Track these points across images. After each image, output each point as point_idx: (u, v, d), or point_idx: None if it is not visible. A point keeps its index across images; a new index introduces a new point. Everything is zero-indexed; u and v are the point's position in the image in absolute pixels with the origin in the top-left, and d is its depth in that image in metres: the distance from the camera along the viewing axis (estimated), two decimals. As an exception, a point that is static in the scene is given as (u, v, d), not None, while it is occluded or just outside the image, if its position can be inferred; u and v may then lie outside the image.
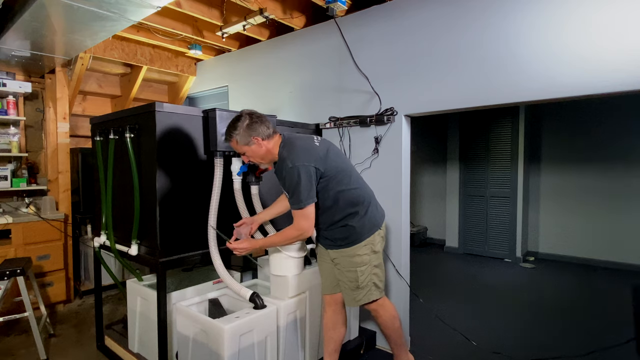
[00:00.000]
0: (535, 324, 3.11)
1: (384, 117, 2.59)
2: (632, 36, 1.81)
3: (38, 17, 2.25)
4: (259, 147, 1.90)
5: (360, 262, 1.97)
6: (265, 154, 1.93)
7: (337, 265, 2.03)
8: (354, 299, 2.03)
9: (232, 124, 1.90)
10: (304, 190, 1.82)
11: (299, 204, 1.83)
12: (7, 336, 2.90)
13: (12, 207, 3.45)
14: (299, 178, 1.81)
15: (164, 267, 2.02)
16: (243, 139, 1.87)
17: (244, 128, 1.86)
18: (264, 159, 1.95)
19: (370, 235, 1.99)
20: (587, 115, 4.82)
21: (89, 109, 4.14)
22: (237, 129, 1.87)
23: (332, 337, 2.12)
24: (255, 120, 1.88)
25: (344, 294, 2.06)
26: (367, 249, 1.99)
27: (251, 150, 1.91)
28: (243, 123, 1.87)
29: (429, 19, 2.44)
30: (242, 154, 1.95)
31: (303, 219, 1.86)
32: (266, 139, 1.90)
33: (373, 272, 2.02)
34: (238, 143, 1.89)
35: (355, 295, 2.01)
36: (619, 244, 4.64)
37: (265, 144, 1.90)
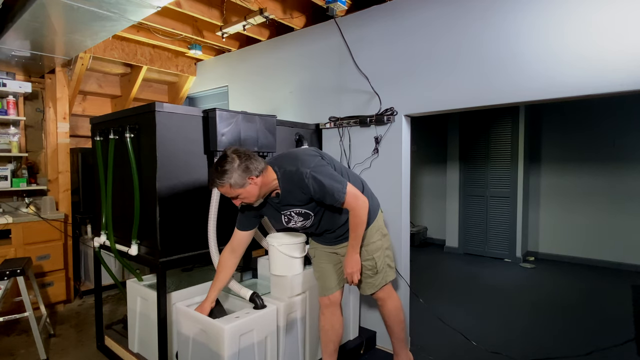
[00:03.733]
0: (535, 324, 3.11)
1: (384, 117, 2.59)
2: (632, 36, 1.81)
3: (38, 17, 2.25)
4: (254, 187, 1.72)
5: (375, 248, 2.01)
6: (262, 190, 1.77)
7: None
8: (373, 285, 2.05)
9: (220, 169, 1.68)
10: (333, 179, 1.76)
11: (340, 191, 1.75)
12: (7, 336, 2.90)
13: (12, 207, 3.45)
14: (320, 172, 1.75)
15: (164, 267, 2.02)
16: (238, 182, 1.68)
17: (236, 169, 1.67)
18: (257, 197, 1.77)
19: (376, 216, 2.02)
20: (587, 115, 4.82)
21: (89, 109, 4.14)
22: (228, 173, 1.66)
23: (331, 338, 2.12)
24: (245, 158, 1.70)
25: (362, 283, 2.06)
26: (379, 234, 2.02)
27: (246, 192, 1.72)
28: (233, 165, 1.67)
29: (429, 19, 2.44)
30: (234, 197, 1.74)
31: (355, 198, 1.80)
32: (260, 174, 1.73)
33: (386, 255, 2.06)
34: (232, 187, 1.68)
35: (373, 280, 2.04)
36: (619, 244, 4.64)
37: (260, 180, 1.74)
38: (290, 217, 1.92)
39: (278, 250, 2.11)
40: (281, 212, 1.92)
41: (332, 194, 1.75)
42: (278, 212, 1.93)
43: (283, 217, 1.94)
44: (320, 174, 1.75)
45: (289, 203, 1.86)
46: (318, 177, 1.74)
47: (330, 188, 1.74)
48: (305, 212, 1.89)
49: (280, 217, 1.94)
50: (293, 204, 1.86)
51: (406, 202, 2.61)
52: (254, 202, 1.82)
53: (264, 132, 2.38)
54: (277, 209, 1.91)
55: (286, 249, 2.11)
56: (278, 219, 1.96)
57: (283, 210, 1.90)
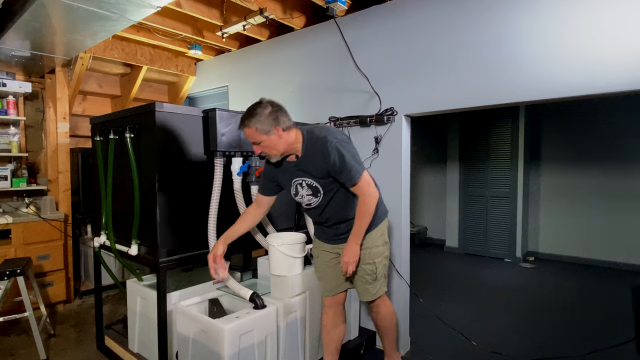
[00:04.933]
0: (535, 324, 3.11)
1: (384, 117, 2.59)
2: (632, 36, 1.81)
3: (38, 17, 2.25)
4: (278, 138, 1.78)
5: (377, 253, 1.99)
6: (283, 145, 1.81)
7: None
8: (370, 292, 2.02)
9: (251, 111, 1.76)
10: (354, 158, 1.80)
11: (357, 172, 1.78)
12: (7, 336, 2.90)
13: (12, 207, 3.45)
14: (345, 147, 1.79)
15: (164, 267, 2.02)
16: (263, 127, 1.75)
17: (266, 116, 1.74)
18: (277, 151, 1.82)
19: (382, 221, 2.01)
20: (587, 115, 4.82)
21: (89, 109, 4.14)
22: (258, 116, 1.74)
23: (333, 338, 2.11)
24: (277, 109, 1.78)
25: (361, 288, 2.04)
26: (382, 239, 2.01)
27: (269, 140, 1.78)
28: (265, 110, 1.75)
29: (429, 19, 2.44)
30: (256, 143, 1.80)
31: (368, 184, 1.81)
32: (286, 130, 1.79)
33: (384, 264, 2.04)
34: (257, 131, 1.75)
35: (371, 288, 2.02)
36: (619, 244, 4.64)
37: (285, 136, 1.80)
38: (300, 187, 1.93)
39: (278, 250, 2.11)
40: (293, 180, 1.93)
41: (349, 171, 1.77)
42: (290, 180, 1.94)
43: (292, 187, 1.95)
44: (345, 149, 1.79)
45: (305, 169, 1.87)
46: (342, 150, 1.77)
47: (349, 164, 1.77)
48: (316, 186, 1.89)
49: (290, 185, 1.96)
50: (308, 172, 1.87)
51: (406, 202, 2.61)
52: (272, 156, 1.86)
53: (264, 132, 2.38)
54: (291, 175, 1.92)
55: (286, 249, 2.11)
56: (288, 187, 1.98)
57: (296, 177, 1.91)
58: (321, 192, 1.89)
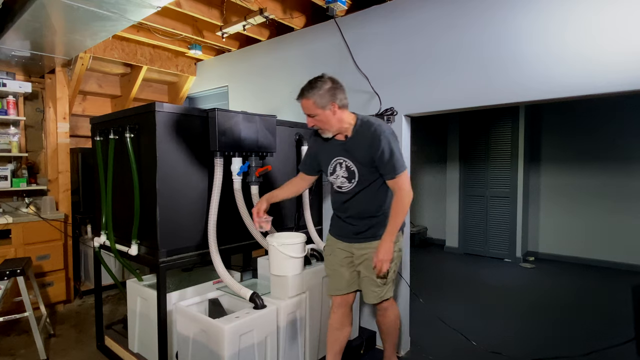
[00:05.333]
0: (535, 324, 3.11)
1: (384, 117, 2.59)
2: (632, 36, 1.81)
3: (38, 17, 2.25)
4: (332, 114, 1.85)
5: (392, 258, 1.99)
6: (335, 123, 1.87)
7: (364, 261, 1.99)
8: (376, 295, 2.02)
9: (312, 83, 1.84)
10: (400, 154, 1.86)
11: (401, 167, 1.84)
12: (7, 336, 2.90)
13: (12, 207, 3.45)
14: (394, 142, 1.85)
15: (164, 267, 2.02)
16: (321, 101, 1.82)
17: (325, 90, 1.81)
18: (331, 127, 1.89)
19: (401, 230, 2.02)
20: (587, 115, 4.83)
21: (89, 109, 4.14)
22: (317, 90, 1.81)
23: (339, 338, 2.10)
24: (337, 86, 1.85)
25: (368, 290, 2.02)
26: (397, 247, 2.00)
27: (324, 115, 1.85)
28: (325, 85, 1.82)
29: (429, 19, 2.44)
30: (311, 115, 1.87)
31: (406, 182, 1.86)
32: (341, 108, 1.87)
33: (394, 270, 2.05)
34: (314, 104, 1.82)
35: (379, 291, 2.01)
36: (619, 244, 4.64)
37: (339, 113, 1.87)
38: (340, 167, 1.97)
39: (278, 250, 2.11)
40: (335, 158, 1.97)
41: (393, 163, 1.83)
42: (331, 157, 1.99)
43: (331, 165, 1.99)
44: (394, 142, 1.86)
45: (349, 151, 1.92)
46: (392, 142, 1.84)
47: (396, 157, 1.83)
48: (353, 170, 1.92)
49: (329, 163, 2.00)
50: (352, 155, 1.91)
51: (406, 202, 2.61)
52: (324, 131, 1.92)
53: (264, 132, 2.38)
54: (334, 152, 1.98)
55: (286, 249, 2.11)
56: (327, 165, 2.02)
57: (338, 155, 1.96)
58: (356, 179, 1.93)
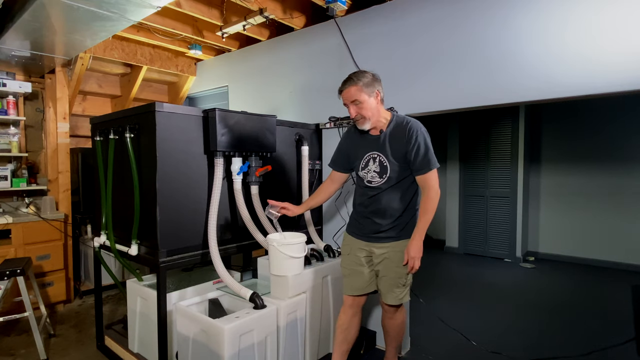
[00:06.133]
0: (535, 324, 3.11)
1: (384, 117, 2.58)
2: (632, 36, 1.81)
3: (38, 17, 2.25)
4: (376, 102, 1.92)
5: None
6: (375, 112, 1.93)
7: (384, 260, 1.99)
8: (396, 297, 2.02)
9: (356, 73, 1.92)
10: (433, 153, 1.91)
11: (434, 164, 1.89)
12: (7, 336, 2.90)
13: (12, 207, 3.45)
14: (429, 140, 1.91)
15: (164, 267, 2.02)
16: (368, 88, 1.89)
17: (371, 79, 1.90)
18: (372, 116, 1.93)
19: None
20: (588, 116, 4.83)
21: (89, 109, 4.14)
22: (364, 77, 1.89)
23: (347, 338, 2.10)
24: (378, 79, 1.95)
25: (388, 290, 2.02)
26: None
27: (368, 102, 1.90)
28: (369, 75, 1.91)
29: (429, 20, 2.44)
30: (354, 102, 1.91)
31: (436, 180, 1.90)
32: (382, 100, 1.96)
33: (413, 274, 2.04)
34: (361, 89, 1.88)
35: (398, 293, 2.01)
36: (619, 244, 4.64)
37: (380, 105, 1.95)
38: (373, 161, 1.99)
39: (278, 250, 2.11)
40: (368, 152, 2.00)
41: (428, 159, 1.88)
42: (364, 152, 2.02)
43: (364, 159, 2.01)
44: (428, 140, 1.92)
45: (384, 145, 1.95)
46: (426, 139, 1.91)
47: (429, 154, 1.89)
48: (386, 165, 1.95)
49: (361, 159, 2.03)
50: (386, 150, 1.95)
51: (406, 202, 2.61)
52: (364, 122, 1.94)
53: (264, 132, 2.38)
54: (368, 147, 2.00)
55: (286, 249, 2.11)
56: (359, 160, 2.04)
57: (372, 150, 1.99)
58: (387, 174, 1.94)
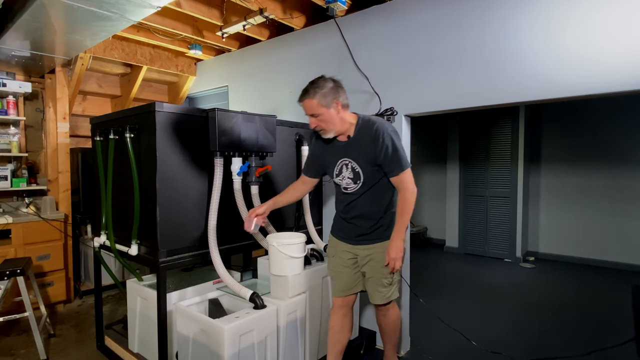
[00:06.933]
0: (535, 324, 3.11)
1: (384, 117, 2.58)
2: (633, 36, 1.81)
3: (38, 17, 2.25)
4: (336, 113, 1.83)
5: None
6: (338, 122, 1.86)
7: (370, 262, 2.00)
8: (383, 296, 2.02)
9: (314, 82, 1.83)
10: (404, 152, 1.87)
11: (406, 164, 1.85)
12: (7, 336, 2.90)
13: (12, 207, 3.45)
14: (397, 140, 1.85)
15: (164, 267, 2.02)
16: (325, 100, 1.80)
17: (329, 89, 1.81)
18: (334, 126, 1.87)
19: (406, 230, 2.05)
20: (588, 116, 4.82)
21: (89, 109, 4.14)
22: (321, 88, 1.80)
23: (340, 340, 2.11)
24: (339, 85, 1.85)
25: (374, 290, 2.03)
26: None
27: (328, 114, 1.82)
28: (328, 84, 1.82)
29: (429, 19, 2.44)
30: (314, 115, 1.84)
31: (410, 180, 1.86)
32: (344, 107, 1.86)
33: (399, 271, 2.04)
34: (319, 103, 1.80)
35: (385, 291, 2.02)
36: (619, 244, 4.64)
37: (342, 112, 1.86)
38: (345, 167, 1.95)
39: (278, 250, 2.11)
40: (339, 159, 1.96)
41: (399, 160, 1.84)
42: (335, 159, 1.97)
43: (337, 166, 1.97)
44: (396, 140, 1.85)
45: (353, 151, 1.91)
46: (394, 140, 1.84)
47: (400, 154, 1.84)
48: (358, 171, 1.91)
49: (334, 165, 1.98)
50: (355, 155, 1.90)
51: (406, 202, 2.61)
52: (327, 132, 1.90)
53: (264, 132, 2.38)
54: (338, 154, 1.96)
55: (286, 249, 2.11)
56: (332, 166, 2.00)
57: (343, 157, 1.94)
58: (361, 180, 1.92)
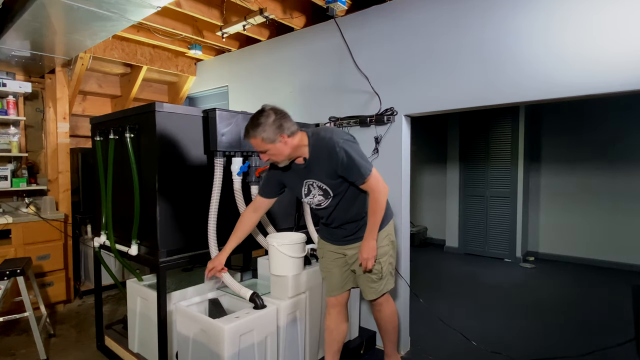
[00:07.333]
0: (535, 324, 3.11)
1: (384, 117, 2.59)
2: (632, 36, 1.81)
3: (38, 17, 2.25)
4: (284, 145, 1.77)
5: (383, 253, 2.00)
6: (289, 151, 1.80)
7: (357, 259, 2.01)
8: (375, 290, 2.04)
9: (255, 121, 1.74)
10: (361, 157, 1.83)
11: (367, 169, 1.81)
12: (7, 336, 2.90)
13: (12, 207, 3.45)
14: (351, 149, 1.80)
15: (164, 267, 2.02)
16: (269, 136, 1.73)
17: (270, 124, 1.72)
18: (286, 156, 1.82)
19: (388, 222, 2.03)
20: (587, 115, 4.82)
21: (89, 109, 4.14)
22: (262, 126, 1.72)
23: (336, 338, 2.11)
24: (281, 116, 1.77)
25: (366, 287, 2.05)
26: (387, 240, 2.02)
27: (276, 149, 1.77)
28: (268, 119, 1.73)
29: (429, 19, 2.44)
30: (263, 152, 1.80)
31: (377, 181, 1.84)
32: (291, 135, 1.78)
33: (389, 262, 2.06)
34: (263, 140, 1.74)
35: (376, 286, 2.03)
36: (619, 244, 4.64)
37: (290, 141, 1.79)
38: (312, 188, 1.93)
39: (278, 250, 2.11)
40: (304, 181, 1.93)
41: (358, 168, 1.79)
42: (300, 181, 1.94)
43: (304, 188, 1.95)
44: (351, 148, 1.80)
45: (313, 172, 1.88)
46: (349, 150, 1.79)
47: (358, 163, 1.80)
48: (325, 188, 1.90)
49: (301, 187, 1.96)
50: (317, 174, 1.88)
51: (406, 202, 2.61)
52: (280, 162, 1.85)
53: (264, 132, 2.37)
54: (301, 176, 1.92)
55: (286, 249, 2.11)
56: (299, 188, 1.97)
57: (306, 178, 1.91)
58: (331, 194, 1.91)
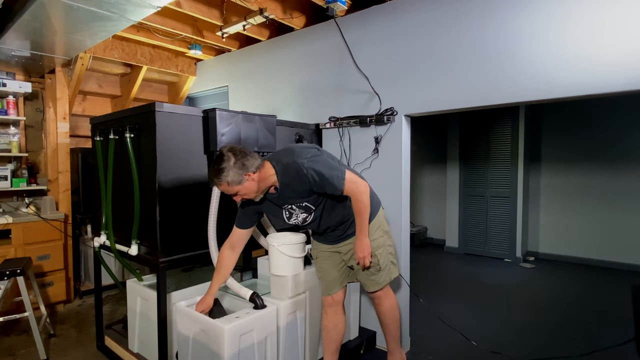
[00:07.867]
0: (535, 324, 3.11)
1: (384, 117, 2.59)
2: (632, 36, 1.81)
3: (38, 17, 2.25)
4: (252, 182, 1.75)
5: (377, 245, 2.01)
6: (259, 186, 1.78)
7: (353, 256, 2.02)
8: (376, 282, 2.05)
9: (216, 168, 1.71)
10: (330, 168, 1.78)
11: (339, 179, 1.77)
12: (7, 336, 2.90)
13: (12, 207, 3.45)
14: (318, 164, 1.76)
15: (164, 267, 2.02)
16: (234, 179, 1.71)
17: (232, 167, 1.69)
18: (257, 192, 1.79)
19: (377, 212, 2.04)
20: (588, 115, 4.82)
21: (89, 109, 4.14)
22: (225, 171, 1.69)
23: (334, 338, 2.12)
24: (241, 156, 1.72)
25: (366, 280, 2.07)
26: (380, 231, 2.03)
27: (245, 188, 1.75)
28: (229, 162, 1.70)
29: (429, 19, 2.44)
30: (233, 195, 1.77)
31: (353, 184, 1.81)
32: (257, 170, 1.75)
33: (388, 252, 2.07)
34: (230, 185, 1.72)
35: (377, 278, 2.05)
36: (619, 244, 4.64)
37: (258, 176, 1.76)
38: (292, 211, 1.93)
39: (278, 250, 2.11)
40: (282, 207, 1.92)
41: (331, 182, 1.76)
42: (279, 208, 1.93)
43: (284, 213, 1.94)
44: (318, 164, 1.77)
45: (288, 197, 1.86)
46: (316, 167, 1.76)
47: (329, 176, 1.76)
48: (306, 205, 1.89)
49: (281, 213, 1.95)
50: (293, 198, 1.86)
51: (406, 202, 2.61)
52: (254, 198, 1.83)
53: (264, 132, 2.38)
54: (278, 204, 1.91)
55: (286, 249, 2.11)
56: (279, 215, 1.96)
57: (284, 205, 1.91)
58: (313, 208, 1.91)
